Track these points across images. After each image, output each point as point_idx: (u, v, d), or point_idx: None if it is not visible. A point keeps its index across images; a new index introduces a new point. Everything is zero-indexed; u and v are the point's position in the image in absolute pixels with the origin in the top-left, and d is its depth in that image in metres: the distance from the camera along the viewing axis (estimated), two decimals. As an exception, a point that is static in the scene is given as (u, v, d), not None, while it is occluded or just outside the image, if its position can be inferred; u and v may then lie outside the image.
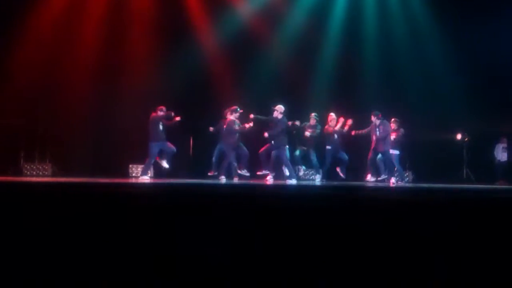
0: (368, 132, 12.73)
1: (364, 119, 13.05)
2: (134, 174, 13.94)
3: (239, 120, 12.56)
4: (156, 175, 13.72)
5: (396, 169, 12.96)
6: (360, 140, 13.22)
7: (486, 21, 14.08)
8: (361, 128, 12.94)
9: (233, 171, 12.66)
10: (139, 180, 11.59)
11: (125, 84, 14.41)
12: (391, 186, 11.84)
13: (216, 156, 12.74)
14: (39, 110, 14.03)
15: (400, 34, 15.48)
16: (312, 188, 10.11)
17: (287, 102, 13.05)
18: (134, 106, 14.00)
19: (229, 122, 12.42)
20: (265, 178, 12.36)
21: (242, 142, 12.67)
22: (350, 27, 15.46)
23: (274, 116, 12.02)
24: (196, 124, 13.69)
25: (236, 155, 12.63)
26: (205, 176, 12.84)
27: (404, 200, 6.58)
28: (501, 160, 15.09)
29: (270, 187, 9.89)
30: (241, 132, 12.51)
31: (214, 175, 12.59)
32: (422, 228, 3.34)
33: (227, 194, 7.18)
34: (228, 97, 14.38)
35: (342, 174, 13.37)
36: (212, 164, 12.73)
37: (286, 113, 12.25)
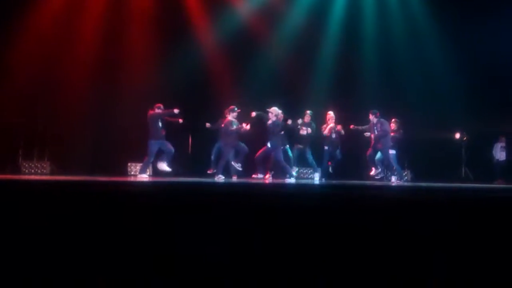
0: (367, 130, 12.80)
1: (362, 118, 13.08)
2: (133, 172, 13.94)
3: (237, 120, 12.54)
4: (155, 173, 13.73)
5: (394, 168, 12.98)
6: (359, 139, 13.24)
7: (485, 20, 14.09)
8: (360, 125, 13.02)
9: (231, 170, 12.65)
10: (138, 178, 11.58)
11: (124, 82, 14.41)
12: (391, 185, 11.86)
13: (215, 154, 12.76)
14: (38, 108, 14.02)
15: (399, 33, 15.48)
16: (310, 187, 10.11)
17: (286, 100, 13.08)
18: (133, 104, 13.99)
19: (226, 122, 12.42)
20: (264, 177, 12.39)
21: (242, 142, 12.65)
22: (349, 25, 15.46)
23: (269, 118, 12.09)
24: (195, 123, 13.69)
25: (234, 152, 12.63)
26: (203, 175, 12.85)
27: (402, 199, 6.58)
28: (499, 159, 15.10)
29: (268, 186, 9.89)
30: (238, 133, 12.46)
31: (213, 174, 12.59)
32: (421, 227, 3.34)
33: (226, 192, 7.17)
34: (227, 95, 14.38)
35: (330, 169, 13.35)
36: (211, 162, 12.77)
37: (285, 112, 12.29)
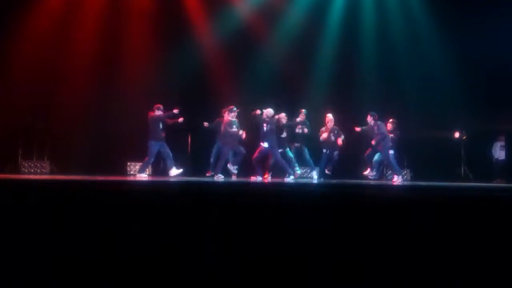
0: (369, 131, 12.85)
1: (362, 118, 13.10)
2: (132, 172, 13.95)
3: (237, 119, 12.54)
4: (154, 173, 13.74)
5: (395, 167, 13.03)
6: (360, 139, 13.27)
7: (484, 20, 14.09)
8: (359, 126, 13.04)
9: (236, 159, 12.62)
10: (137, 178, 11.58)
11: (123, 82, 14.40)
12: (390, 184, 11.90)
13: (214, 157, 12.70)
14: (38, 108, 14.01)
15: (398, 33, 15.49)
16: (309, 186, 10.11)
17: (285, 100, 13.09)
18: (132, 104, 14.00)
19: (226, 122, 12.41)
20: (263, 177, 12.40)
21: (240, 144, 12.65)
22: (348, 25, 15.46)
23: (263, 119, 12.18)
24: (194, 122, 13.69)
25: (232, 153, 12.62)
26: (203, 174, 12.85)
27: (401, 198, 6.58)
28: (499, 159, 15.10)
29: (267, 186, 9.89)
30: (236, 135, 12.44)
31: (212, 174, 12.57)
32: (420, 226, 3.35)
33: (225, 192, 7.17)
34: (227, 95, 14.40)
35: (328, 171, 13.27)
36: (210, 164, 12.70)
37: (284, 111, 12.35)
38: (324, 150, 13.16)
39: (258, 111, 12.29)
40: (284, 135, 12.54)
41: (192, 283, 1.80)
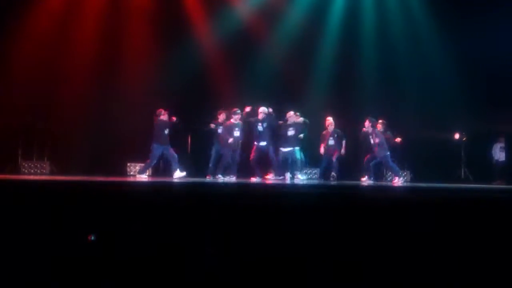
0: (365, 136, 12.88)
1: (362, 119, 13.11)
2: (132, 173, 13.93)
3: (241, 121, 12.54)
4: (154, 174, 13.72)
5: (395, 169, 13.05)
6: (358, 141, 13.28)
7: (484, 20, 14.07)
8: (358, 130, 13.08)
9: (232, 169, 12.58)
10: (137, 179, 11.57)
11: (123, 82, 14.38)
12: (391, 185, 11.94)
13: (213, 162, 12.65)
14: (38, 108, 14.00)
15: (398, 33, 15.46)
16: (307, 187, 10.10)
17: (285, 100, 13.08)
18: (132, 105, 13.98)
19: (229, 125, 12.40)
20: (263, 178, 12.39)
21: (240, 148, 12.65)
22: (348, 25, 15.45)
23: (259, 118, 12.24)
24: (194, 123, 13.67)
25: (230, 158, 12.54)
26: (203, 175, 12.83)
27: (401, 199, 6.58)
28: (499, 160, 15.08)
29: (267, 186, 9.88)
30: (235, 138, 12.42)
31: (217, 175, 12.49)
32: (420, 227, 3.34)
33: (225, 193, 7.17)
34: (226, 95, 14.40)
35: (332, 178, 13.14)
36: (209, 168, 12.64)
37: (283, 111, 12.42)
38: (324, 155, 13.07)
39: (247, 108, 12.32)
40: (292, 133, 12.52)
41: (192, 283, 1.80)
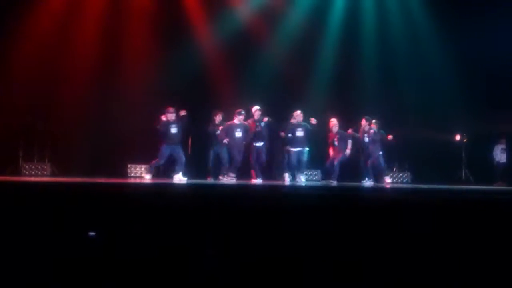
0: (360, 135, 12.94)
1: (360, 118, 13.15)
2: (133, 174, 13.93)
3: (245, 121, 12.58)
4: (155, 175, 13.71)
5: (385, 168, 13.21)
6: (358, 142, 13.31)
7: (484, 21, 14.08)
8: (358, 130, 13.12)
9: (233, 169, 12.58)
10: (138, 180, 11.56)
11: (123, 82, 14.39)
12: (386, 186, 11.97)
13: (213, 162, 12.65)
14: (38, 107, 13.99)
15: (398, 34, 15.48)
16: (307, 188, 10.10)
17: (285, 101, 13.08)
18: (133, 105, 13.98)
19: (232, 125, 12.43)
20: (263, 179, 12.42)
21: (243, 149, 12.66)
22: (348, 26, 15.46)
23: (256, 119, 12.33)
24: (195, 124, 13.67)
25: (229, 159, 12.53)
26: (203, 176, 12.83)
27: (402, 201, 6.58)
28: (500, 161, 15.07)
29: (267, 187, 9.88)
30: (238, 139, 12.43)
31: (222, 175, 12.48)
32: (420, 228, 3.34)
33: (225, 194, 7.17)
34: (226, 96, 14.42)
35: (332, 180, 13.12)
36: (210, 170, 12.64)
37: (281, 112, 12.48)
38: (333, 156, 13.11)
39: (256, 109, 12.41)
40: (301, 134, 12.55)
41: (193, 284, 1.80)
